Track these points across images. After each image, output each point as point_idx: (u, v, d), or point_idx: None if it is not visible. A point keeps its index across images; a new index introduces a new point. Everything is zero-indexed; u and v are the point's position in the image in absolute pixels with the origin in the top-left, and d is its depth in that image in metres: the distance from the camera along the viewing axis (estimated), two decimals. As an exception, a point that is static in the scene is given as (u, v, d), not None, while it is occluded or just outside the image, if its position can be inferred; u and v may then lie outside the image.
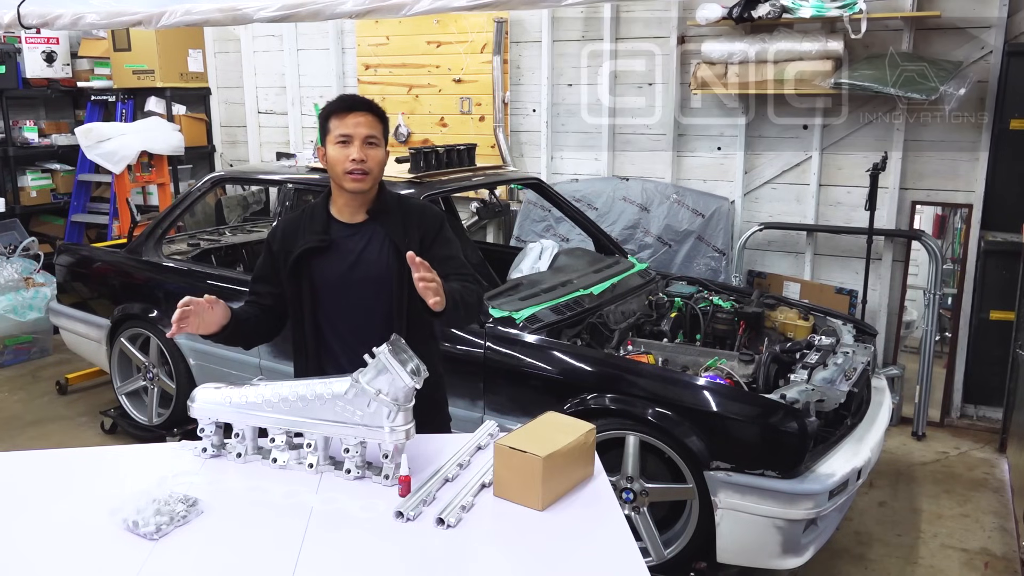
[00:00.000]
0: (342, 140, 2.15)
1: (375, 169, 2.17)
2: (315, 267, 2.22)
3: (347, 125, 2.14)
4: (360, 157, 2.12)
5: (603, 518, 1.71)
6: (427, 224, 2.26)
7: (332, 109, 2.20)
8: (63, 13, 3.82)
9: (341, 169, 2.15)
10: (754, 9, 4.47)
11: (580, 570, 1.57)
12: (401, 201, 2.31)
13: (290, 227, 2.29)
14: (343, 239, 2.23)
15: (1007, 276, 4.25)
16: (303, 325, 2.27)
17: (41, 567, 1.55)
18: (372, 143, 2.16)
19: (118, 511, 1.64)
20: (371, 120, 2.16)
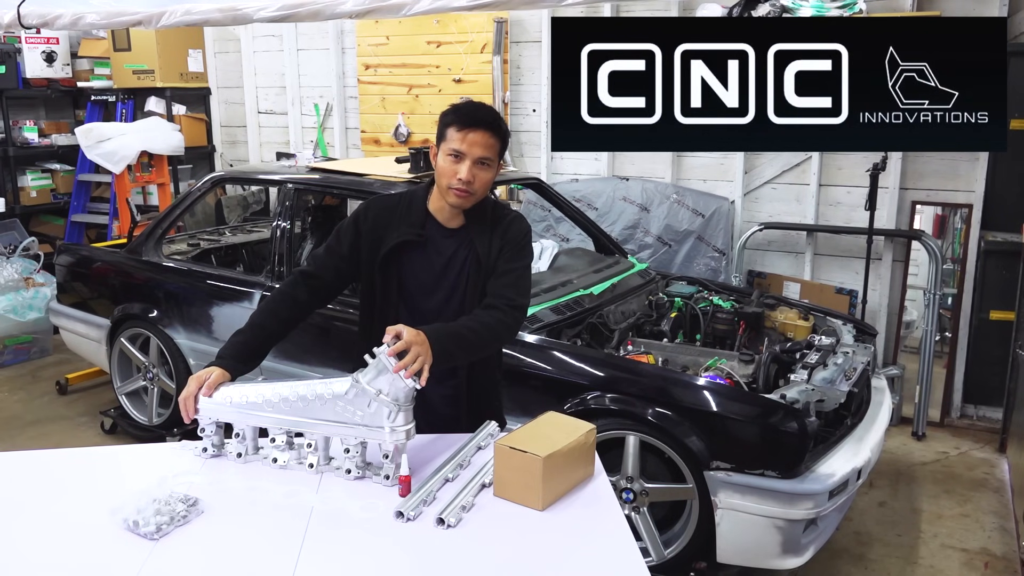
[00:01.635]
0: (454, 155, 2.05)
1: (480, 190, 2.08)
2: (404, 260, 2.15)
3: (463, 142, 2.04)
4: (468, 178, 2.04)
5: (603, 518, 1.71)
6: (510, 237, 2.17)
7: (454, 119, 2.08)
8: (63, 13, 3.81)
9: (446, 183, 2.07)
10: (754, 9, 4.47)
11: (580, 570, 1.57)
12: (495, 209, 2.22)
13: (384, 211, 2.19)
14: (438, 239, 2.15)
15: (1007, 276, 4.25)
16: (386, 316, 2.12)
17: (41, 567, 1.55)
18: (485, 164, 2.06)
19: (118, 511, 1.64)
20: (490, 141, 2.06)
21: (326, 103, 6.24)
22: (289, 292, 2.20)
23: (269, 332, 2.15)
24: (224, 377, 2.01)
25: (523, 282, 2.17)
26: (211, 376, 1.99)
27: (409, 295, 2.17)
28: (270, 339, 2.16)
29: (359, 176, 3.67)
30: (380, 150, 5.99)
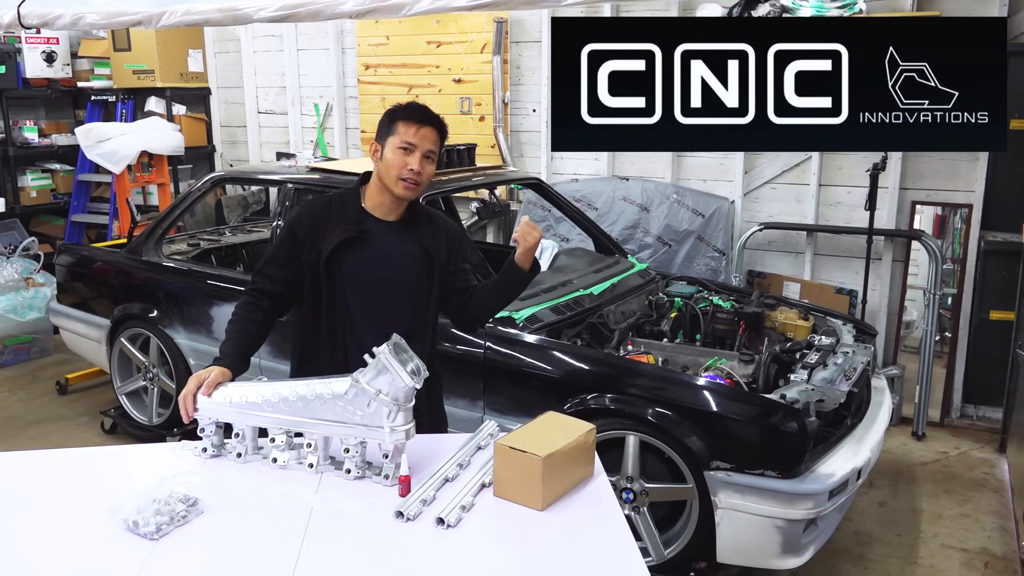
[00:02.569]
0: (405, 147, 2.18)
1: (425, 182, 2.23)
2: (345, 258, 2.22)
3: (413, 135, 2.18)
4: (418, 169, 2.18)
5: (603, 518, 1.71)
6: (452, 236, 2.36)
7: (404, 115, 2.20)
8: (63, 13, 3.81)
9: (395, 174, 2.18)
10: (754, 9, 4.47)
11: (580, 570, 1.57)
12: (426, 210, 2.39)
13: (318, 214, 2.27)
14: (378, 234, 2.25)
15: (1007, 276, 4.25)
16: (333, 314, 2.25)
17: (41, 567, 1.55)
18: (430, 158, 2.22)
19: (118, 511, 1.64)
20: (436, 137, 2.23)
21: (326, 103, 6.24)
22: (252, 303, 2.28)
23: (252, 335, 2.24)
24: (224, 376, 2.04)
25: None
26: (211, 375, 2.02)
27: (347, 292, 2.24)
28: (255, 341, 2.25)
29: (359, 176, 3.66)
30: (380, 150, 5.98)
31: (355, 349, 2.19)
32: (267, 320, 2.27)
